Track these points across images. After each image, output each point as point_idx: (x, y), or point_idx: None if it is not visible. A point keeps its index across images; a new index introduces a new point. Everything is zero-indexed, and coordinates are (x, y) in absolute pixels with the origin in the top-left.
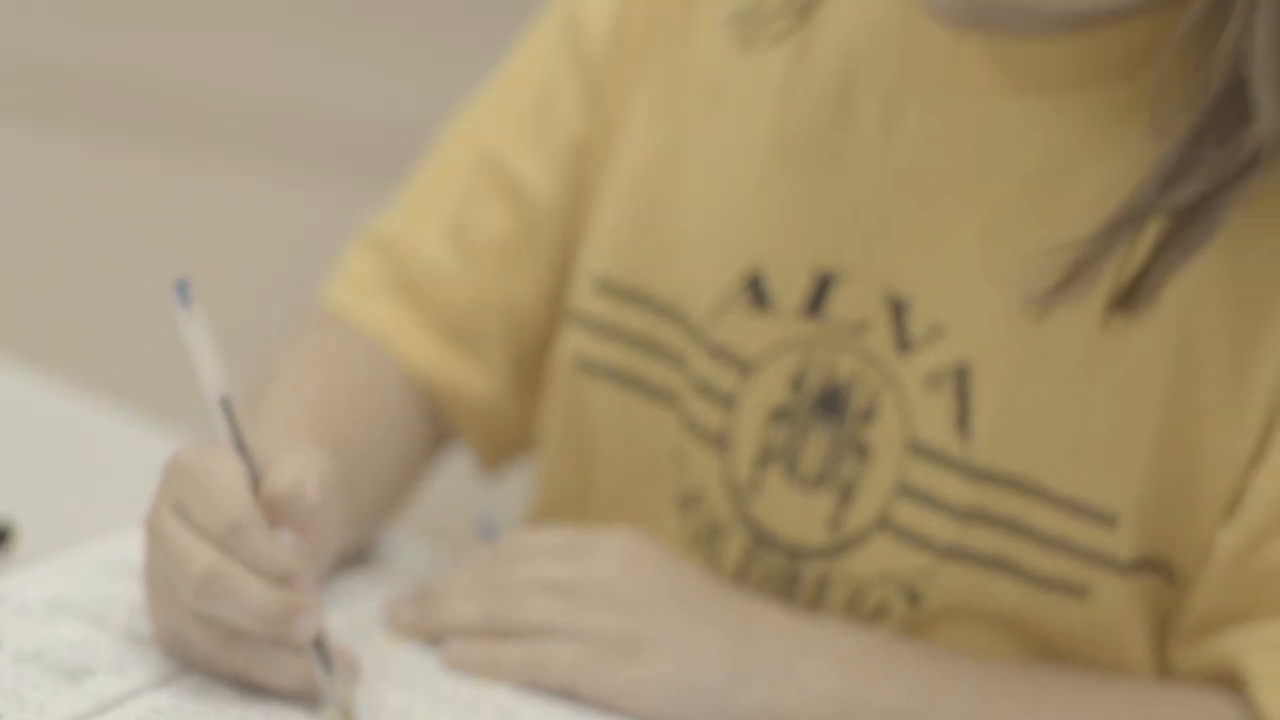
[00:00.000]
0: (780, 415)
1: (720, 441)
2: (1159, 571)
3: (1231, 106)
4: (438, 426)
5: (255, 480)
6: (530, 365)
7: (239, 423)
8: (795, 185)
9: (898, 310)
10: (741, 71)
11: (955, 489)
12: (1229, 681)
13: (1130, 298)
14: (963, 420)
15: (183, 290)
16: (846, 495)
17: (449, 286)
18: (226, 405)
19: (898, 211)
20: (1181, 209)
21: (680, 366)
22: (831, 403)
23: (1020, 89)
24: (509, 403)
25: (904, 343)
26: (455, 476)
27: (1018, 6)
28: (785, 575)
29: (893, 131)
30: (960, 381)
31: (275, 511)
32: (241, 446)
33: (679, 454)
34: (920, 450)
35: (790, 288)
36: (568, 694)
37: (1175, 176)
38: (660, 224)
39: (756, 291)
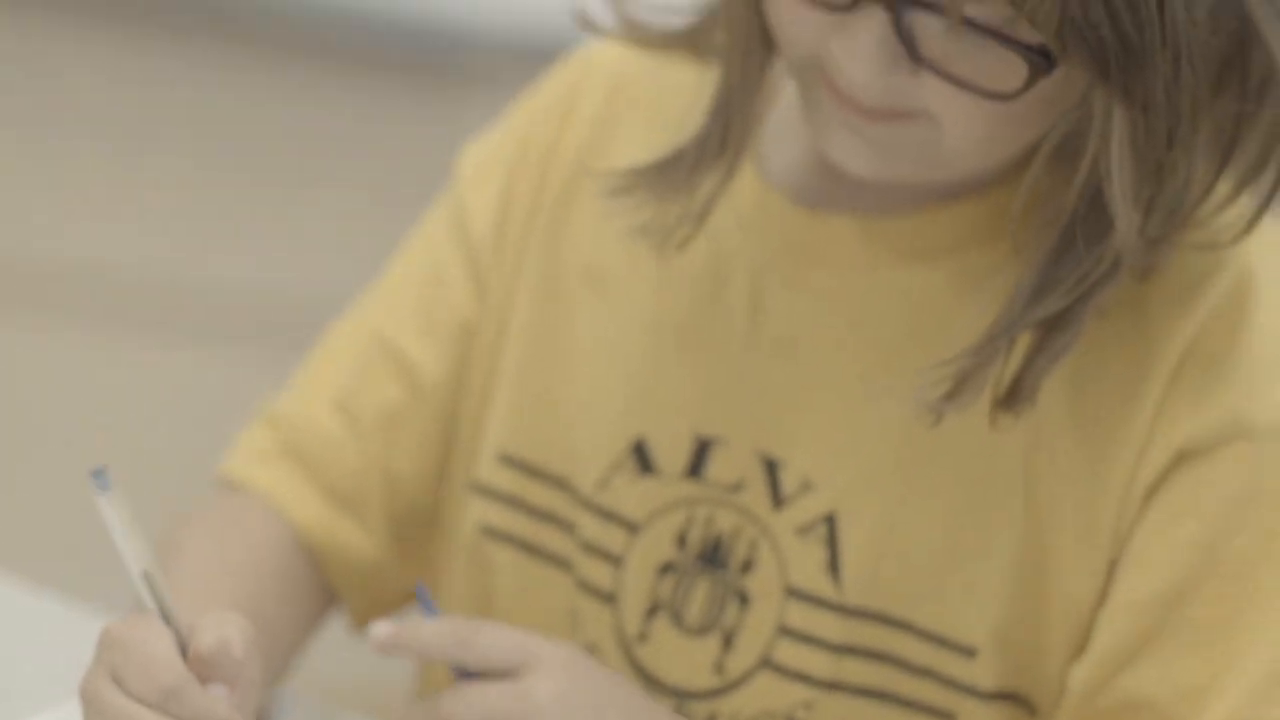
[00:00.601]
0: (666, 569)
1: (610, 598)
2: (1018, 703)
3: (1087, 224)
4: (326, 586)
5: (183, 644)
6: (408, 529)
7: (164, 593)
8: (674, 364)
9: (771, 469)
10: (619, 260)
11: (830, 627)
12: None
13: (1009, 399)
14: (833, 565)
15: (99, 477)
16: (729, 640)
17: (336, 452)
18: (150, 579)
19: (770, 381)
20: (1046, 320)
21: (570, 532)
22: (713, 556)
23: (887, 262)
24: (385, 564)
25: (777, 499)
26: (336, 633)
27: (882, 185)
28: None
29: (761, 310)
30: (829, 530)
31: (205, 669)
32: (167, 615)
33: (572, 612)
34: (796, 594)
35: (672, 454)
36: None
37: (1039, 294)
38: (549, 405)
39: (641, 458)
